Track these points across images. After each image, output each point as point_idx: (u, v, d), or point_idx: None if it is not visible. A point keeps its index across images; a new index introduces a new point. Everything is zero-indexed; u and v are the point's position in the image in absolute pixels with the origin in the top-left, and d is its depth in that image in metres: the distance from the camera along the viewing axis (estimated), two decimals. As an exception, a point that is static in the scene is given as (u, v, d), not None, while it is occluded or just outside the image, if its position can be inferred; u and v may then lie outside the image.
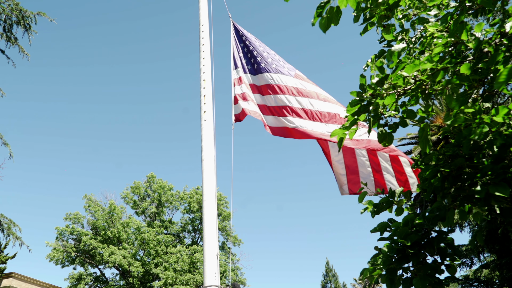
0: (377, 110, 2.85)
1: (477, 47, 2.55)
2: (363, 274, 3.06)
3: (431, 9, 2.99)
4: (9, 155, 16.86)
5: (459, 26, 2.57)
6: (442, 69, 2.64)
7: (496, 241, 19.63)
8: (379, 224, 3.13)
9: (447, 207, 2.83)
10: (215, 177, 5.89)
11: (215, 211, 5.62)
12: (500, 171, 2.56)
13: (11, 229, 18.01)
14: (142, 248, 28.52)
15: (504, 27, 2.59)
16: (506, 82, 2.26)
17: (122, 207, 30.14)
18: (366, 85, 2.86)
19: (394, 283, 2.88)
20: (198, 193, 30.46)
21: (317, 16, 2.96)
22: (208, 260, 5.20)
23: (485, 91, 2.76)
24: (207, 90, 6.48)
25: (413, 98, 2.91)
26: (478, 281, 22.91)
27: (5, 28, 15.79)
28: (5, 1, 15.59)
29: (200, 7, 7.27)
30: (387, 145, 3.08)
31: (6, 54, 16.16)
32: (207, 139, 6.08)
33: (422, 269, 2.78)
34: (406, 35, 3.19)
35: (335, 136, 3.09)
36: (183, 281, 25.39)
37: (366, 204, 3.31)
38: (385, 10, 3.03)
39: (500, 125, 2.56)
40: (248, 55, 8.06)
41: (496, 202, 2.62)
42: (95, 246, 27.08)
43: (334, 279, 52.83)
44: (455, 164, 2.76)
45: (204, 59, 6.75)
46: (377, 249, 3.07)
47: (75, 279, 26.92)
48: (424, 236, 2.94)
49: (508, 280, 19.80)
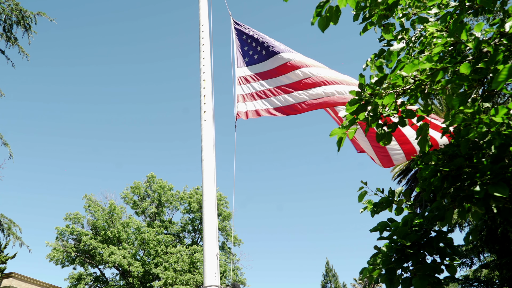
0: (376, 109, 2.85)
1: (476, 47, 2.55)
2: (363, 274, 3.06)
3: (431, 8, 2.99)
4: (9, 155, 16.88)
5: (458, 26, 2.57)
6: (441, 69, 2.64)
7: (496, 241, 19.61)
8: (379, 224, 3.13)
9: (446, 207, 2.82)
10: (215, 177, 5.90)
11: (215, 211, 5.62)
12: (499, 171, 2.56)
13: (11, 229, 18.01)
14: (142, 248, 28.52)
15: (503, 27, 2.59)
16: (505, 82, 2.25)
17: (122, 207, 30.14)
18: (365, 85, 2.86)
19: (394, 283, 2.87)
20: (198, 193, 30.45)
21: (317, 16, 2.96)
22: (208, 260, 5.20)
23: (484, 91, 2.75)
24: (207, 90, 6.48)
25: (412, 97, 2.92)
26: (478, 281, 22.90)
27: (5, 28, 15.79)
28: (5, 1, 15.59)
29: (200, 7, 7.27)
30: (387, 144, 3.08)
31: (6, 54, 16.18)
32: (207, 139, 6.08)
33: (422, 268, 2.77)
34: (406, 34, 3.19)
35: (335, 135, 3.08)
36: (183, 281, 25.38)
37: (366, 204, 3.31)
38: (384, 9, 3.03)
39: (499, 125, 2.56)
40: (253, 44, 7.91)
41: (495, 202, 2.62)
42: (95, 246, 27.08)
43: (334, 279, 52.82)
44: (454, 164, 2.75)
45: (204, 59, 6.75)
46: (377, 249, 3.07)
47: (75, 279, 26.92)
48: (423, 236, 2.93)
49: (508, 280, 19.79)
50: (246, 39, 8.03)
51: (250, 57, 7.91)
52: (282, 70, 7.52)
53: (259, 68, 7.77)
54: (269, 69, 7.66)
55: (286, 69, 7.48)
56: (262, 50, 7.79)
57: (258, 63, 7.80)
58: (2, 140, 16.57)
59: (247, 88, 7.65)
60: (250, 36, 7.98)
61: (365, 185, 3.41)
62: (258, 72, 7.74)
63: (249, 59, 7.91)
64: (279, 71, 7.56)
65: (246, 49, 8.00)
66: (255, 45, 7.88)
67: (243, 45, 8.05)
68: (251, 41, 7.95)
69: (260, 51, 7.82)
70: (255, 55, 7.86)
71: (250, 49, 7.96)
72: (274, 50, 7.65)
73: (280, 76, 7.53)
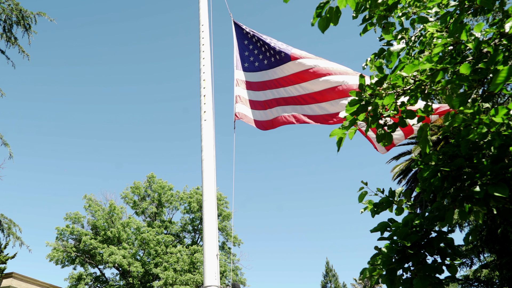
0: (376, 110, 2.85)
1: (476, 47, 2.55)
2: (363, 274, 3.06)
3: (431, 8, 2.99)
4: (9, 155, 16.88)
5: (458, 26, 2.57)
6: (441, 69, 2.64)
7: (496, 241, 19.63)
8: (379, 224, 3.13)
9: (446, 207, 2.83)
10: (215, 177, 5.89)
11: (215, 211, 5.62)
12: (499, 171, 2.56)
13: (11, 229, 18.01)
14: (142, 248, 28.52)
15: (503, 27, 2.59)
16: (504, 84, 2.25)
17: (122, 207, 30.14)
18: (365, 85, 2.86)
19: (394, 283, 2.88)
20: (198, 193, 30.45)
21: (317, 16, 2.96)
22: (208, 260, 5.20)
23: (484, 91, 2.75)
24: (207, 90, 6.48)
25: (413, 98, 2.92)
26: (478, 281, 22.91)
27: (5, 28, 15.79)
28: (5, 1, 15.59)
29: (200, 7, 7.27)
30: (387, 145, 3.08)
31: (6, 54, 16.17)
32: (207, 139, 6.08)
33: (422, 269, 2.78)
34: (406, 34, 3.19)
35: (335, 135, 3.08)
36: (183, 281, 25.39)
37: (366, 204, 3.31)
38: (384, 10, 3.03)
39: (499, 125, 2.56)
40: (255, 52, 7.83)
41: (495, 202, 2.62)
42: (95, 246, 27.08)
43: (334, 279, 52.82)
44: (454, 164, 2.75)
45: (204, 59, 6.75)
46: (377, 249, 3.07)
47: (75, 279, 26.91)
48: (424, 236, 2.94)
49: (508, 280, 19.80)
50: (248, 44, 7.95)
51: (251, 64, 7.88)
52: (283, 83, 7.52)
53: (259, 77, 7.75)
54: (269, 79, 7.66)
55: (286, 82, 7.46)
56: (264, 60, 7.73)
57: (259, 71, 7.79)
58: (2, 140, 16.57)
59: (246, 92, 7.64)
60: (252, 42, 7.90)
61: (365, 185, 3.40)
62: (258, 81, 7.71)
63: (249, 65, 7.88)
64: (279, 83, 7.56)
65: (246, 54, 7.95)
66: (257, 53, 7.81)
67: (244, 50, 7.99)
68: (253, 48, 7.88)
69: (262, 59, 7.75)
70: (256, 62, 7.83)
71: (251, 55, 7.91)
72: (276, 60, 7.57)
73: (280, 88, 7.53)
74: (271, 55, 7.62)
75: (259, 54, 7.80)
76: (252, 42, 7.93)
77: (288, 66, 7.39)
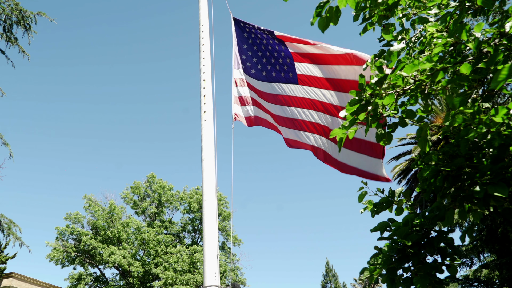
0: (376, 109, 2.85)
1: (477, 47, 2.55)
2: (364, 274, 3.06)
3: (431, 9, 3.00)
4: (9, 155, 16.89)
5: (458, 27, 2.57)
6: (441, 69, 2.64)
7: (496, 241, 19.63)
8: (379, 224, 3.13)
9: (446, 207, 2.83)
10: (215, 177, 5.89)
11: (215, 211, 5.62)
12: (499, 171, 2.56)
13: (11, 229, 18.01)
14: (142, 248, 28.52)
15: (503, 27, 2.59)
16: (505, 81, 2.25)
17: (122, 207, 30.14)
18: (365, 85, 2.86)
19: (395, 283, 2.88)
20: (198, 193, 30.45)
21: (317, 16, 2.97)
22: (208, 260, 5.20)
23: (484, 91, 2.76)
24: (207, 90, 6.48)
25: (413, 98, 2.92)
26: (478, 281, 22.90)
27: (5, 28, 15.79)
28: (5, 1, 15.59)
29: (200, 7, 7.26)
30: (387, 143, 3.08)
31: (6, 54, 16.18)
32: (207, 139, 6.08)
33: (422, 268, 2.78)
34: (406, 34, 3.19)
35: (335, 135, 3.08)
36: (183, 281, 25.39)
37: (366, 204, 3.31)
38: (384, 10, 3.03)
39: (499, 125, 2.56)
40: (254, 59, 7.71)
41: (495, 202, 2.63)
42: (95, 246, 27.08)
43: (334, 279, 52.82)
44: (454, 164, 2.76)
45: (204, 59, 6.75)
46: (377, 249, 3.07)
47: (75, 279, 26.92)
48: (424, 236, 2.94)
49: (508, 280, 19.80)
50: (247, 49, 7.78)
51: (247, 68, 7.82)
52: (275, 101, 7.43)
53: (256, 84, 7.70)
54: (264, 92, 7.56)
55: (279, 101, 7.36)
56: (262, 71, 7.59)
57: (254, 79, 7.73)
58: (2, 140, 16.57)
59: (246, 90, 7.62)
60: (251, 49, 7.71)
61: (365, 185, 3.41)
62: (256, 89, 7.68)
63: (246, 69, 7.83)
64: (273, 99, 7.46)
65: (244, 58, 7.87)
66: (256, 61, 7.65)
67: (242, 53, 7.90)
68: (252, 54, 7.76)
69: (260, 69, 7.61)
70: (252, 69, 7.76)
71: (248, 60, 7.82)
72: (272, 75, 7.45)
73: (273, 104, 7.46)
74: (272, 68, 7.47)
75: (257, 64, 7.69)
76: (251, 48, 7.80)
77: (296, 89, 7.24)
